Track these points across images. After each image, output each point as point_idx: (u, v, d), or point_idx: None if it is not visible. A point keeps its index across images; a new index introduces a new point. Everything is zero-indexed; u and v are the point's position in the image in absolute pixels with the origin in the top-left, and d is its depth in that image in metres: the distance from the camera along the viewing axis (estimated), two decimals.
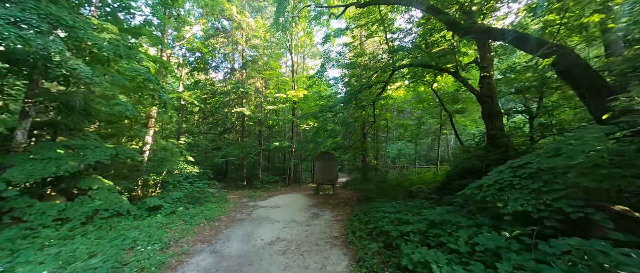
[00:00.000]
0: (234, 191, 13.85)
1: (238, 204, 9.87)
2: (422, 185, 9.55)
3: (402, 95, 14.34)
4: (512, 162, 3.73)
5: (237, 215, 7.88)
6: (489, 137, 7.72)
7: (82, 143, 6.00)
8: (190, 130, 18.68)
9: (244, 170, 15.90)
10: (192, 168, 11.48)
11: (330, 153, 12.22)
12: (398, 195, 8.70)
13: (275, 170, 19.86)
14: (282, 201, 10.46)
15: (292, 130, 16.22)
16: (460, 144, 9.03)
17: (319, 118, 10.10)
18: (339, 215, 7.75)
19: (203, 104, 15.92)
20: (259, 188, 14.26)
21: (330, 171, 11.97)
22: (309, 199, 10.84)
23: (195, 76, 17.77)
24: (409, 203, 6.20)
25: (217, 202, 9.49)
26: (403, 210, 5.24)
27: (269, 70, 14.93)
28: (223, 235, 5.83)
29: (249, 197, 11.74)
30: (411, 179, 10.63)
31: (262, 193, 12.87)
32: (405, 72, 10.92)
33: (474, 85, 8.84)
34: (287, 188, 15.06)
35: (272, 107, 13.53)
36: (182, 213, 7.06)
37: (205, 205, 8.72)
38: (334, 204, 9.58)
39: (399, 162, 21.52)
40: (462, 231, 3.21)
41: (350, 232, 5.36)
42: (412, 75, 10.79)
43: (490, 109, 7.86)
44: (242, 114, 13.52)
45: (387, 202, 7.28)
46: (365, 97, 10.70)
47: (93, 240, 4.45)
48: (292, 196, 11.84)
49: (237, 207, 9.23)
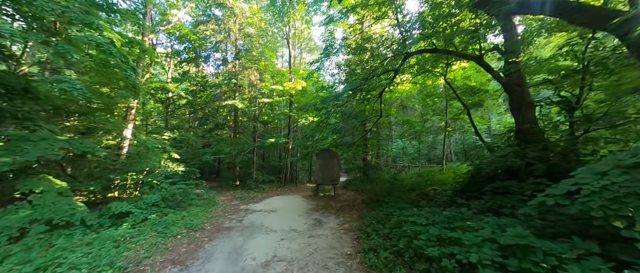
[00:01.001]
0: (224, 192, 12.45)
1: (228, 208, 8.51)
2: (436, 186, 8.39)
3: (408, 90, 13.19)
4: (619, 159, 2.52)
5: (225, 223, 6.54)
6: (519, 132, 6.58)
7: (22, 135, 4.58)
8: (180, 126, 17.14)
9: (236, 168, 14.50)
10: (177, 167, 10.08)
11: (331, 150, 10.97)
12: (412, 198, 7.50)
13: (271, 169, 18.49)
14: (278, 204, 9.15)
15: (288, 126, 14.90)
16: (481, 141, 7.90)
17: (320, 111, 8.82)
18: (346, 222, 6.49)
19: (192, 97, 14.44)
20: (252, 188, 12.90)
21: (332, 170, 10.72)
22: (308, 201, 9.56)
23: (185, 68, 16.26)
24: (434, 209, 4.98)
25: (203, 206, 8.12)
26: (437, 220, 4.01)
27: (265, 61, 13.57)
28: (204, 251, 4.50)
29: (241, 198, 10.38)
30: (425, 179, 9.46)
31: (256, 194, 11.53)
32: (413, 63, 9.76)
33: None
34: (283, 189, 13.74)
35: (268, 100, 12.20)
36: (156, 222, 5.69)
37: (188, 210, 7.34)
38: (338, 208, 8.32)
39: (400, 160, 20.41)
40: (573, 267, 1.99)
41: (369, 249, 4.11)
42: (420, 66, 9.62)
43: (521, 98, 6.73)
44: (235, 108, 12.14)
45: (405, 206, 6.06)
46: (371, 87, 9.49)
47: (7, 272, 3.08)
48: (289, 198, 10.53)
49: (227, 212, 7.88)
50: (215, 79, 14.62)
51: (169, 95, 14.81)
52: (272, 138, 12.64)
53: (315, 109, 8.45)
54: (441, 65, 9.93)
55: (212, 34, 13.34)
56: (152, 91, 11.36)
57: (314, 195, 10.88)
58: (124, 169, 7.95)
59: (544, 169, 5.00)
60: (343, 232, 5.61)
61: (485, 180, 6.15)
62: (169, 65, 16.50)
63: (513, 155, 5.27)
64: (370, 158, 15.90)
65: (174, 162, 10.39)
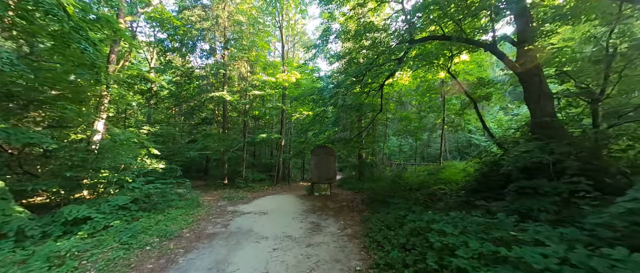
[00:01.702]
0: (211, 191, 11.38)
1: (213, 209, 7.52)
2: (441, 185, 7.68)
3: (408, 84, 12.49)
4: None
5: (207, 228, 5.56)
6: (536, 126, 5.93)
7: None
8: (165, 121, 15.82)
9: (224, 166, 13.42)
10: (156, 164, 8.97)
11: (328, 147, 10.12)
12: (419, 198, 6.75)
13: (262, 167, 17.46)
14: (270, 204, 8.22)
15: (281, 122, 13.93)
16: (490, 136, 7.24)
17: (317, 102, 7.93)
18: (347, 226, 5.65)
19: (176, 88, 13.20)
20: (242, 187, 11.88)
21: (328, 168, 9.87)
22: (302, 202, 8.67)
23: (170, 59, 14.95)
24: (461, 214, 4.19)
25: (184, 208, 7.09)
26: (468, 228, 3.22)
27: (256, 52, 12.53)
28: (176, 268, 3.55)
29: (228, 198, 9.38)
30: (431, 177, 8.74)
31: (246, 194, 10.54)
32: (414, 55, 9.01)
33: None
34: (275, 188, 12.79)
35: (259, 92, 11.20)
36: (121, 229, 4.66)
37: (165, 213, 6.31)
38: (336, 209, 7.48)
39: (394, 158, 19.79)
40: None
41: (384, 264, 3.27)
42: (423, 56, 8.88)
43: (539, 90, 6.07)
44: (223, 101, 11.07)
45: (415, 208, 5.27)
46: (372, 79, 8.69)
47: None
48: (282, 197, 9.61)
49: (211, 214, 6.89)
50: (202, 70, 13.44)
51: (152, 88, 13.53)
52: (264, 133, 11.66)
53: (312, 100, 7.56)
54: (443, 58, 9.25)
55: (199, 20, 12.17)
56: (128, 79, 10.13)
57: (308, 194, 10.00)
58: (93, 166, 6.81)
59: (577, 166, 4.33)
60: (346, 239, 4.76)
61: (504, 179, 5.46)
62: (151, 55, 15.18)
63: (539, 151, 4.56)
64: (366, 156, 15.16)
65: (154, 159, 9.27)
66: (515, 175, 4.91)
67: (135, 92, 12.37)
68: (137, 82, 11.03)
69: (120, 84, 10.56)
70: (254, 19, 12.52)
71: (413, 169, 16.18)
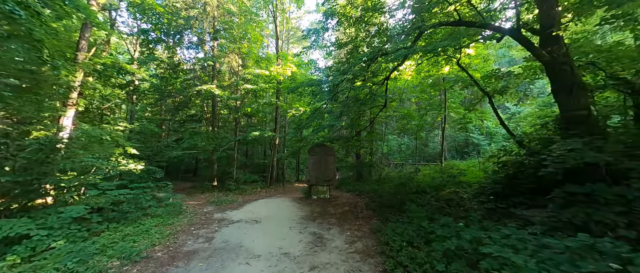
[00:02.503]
0: (198, 195, 10.26)
1: (197, 217, 6.45)
2: (455, 188, 6.85)
3: (410, 80, 11.68)
4: None
5: (186, 243, 4.52)
6: (568, 121, 5.16)
7: None
8: (150, 118, 14.48)
9: (214, 167, 12.27)
10: (135, 165, 7.82)
11: (326, 146, 9.17)
12: (433, 204, 5.90)
13: (255, 168, 16.36)
14: (263, 210, 7.21)
15: (275, 119, 12.88)
16: (510, 135, 6.46)
17: (316, 95, 6.96)
18: (355, 238, 4.72)
19: (161, 82, 11.96)
20: (232, 190, 10.80)
21: (327, 169, 8.93)
22: (299, 206, 7.69)
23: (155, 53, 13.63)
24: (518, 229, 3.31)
25: (162, 216, 6.00)
26: (537, 254, 2.33)
27: (248, 44, 11.45)
28: None
29: (216, 203, 8.30)
30: (443, 179, 7.89)
31: (236, 198, 9.47)
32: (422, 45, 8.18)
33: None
34: (269, 190, 11.74)
35: (251, 86, 10.14)
36: (71, 250, 3.57)
37: (137, 224, 5.22)
38: (338, 215, 6.54)
39: (392, 158, 19.02)
40: None
41: None
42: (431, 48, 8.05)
43: (571, 80, 5.31)
44: (211, 95, 9.94)
45: (437, 217, 4.38)
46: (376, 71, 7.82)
47: None
48: (277, 202, 8.60)
49: (194, 224, 5.83)
50: (190, 64, 12.25)
51: (133, 81, 12.23)
52: (256, 131, 10.60)
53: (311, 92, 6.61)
54: (451, 49, 8.46)
55: (184, 7, 11.01)
56: (101, 69, 8.88)
57: (305, 197, 9.03)
58: (59, 168, 5.65)
59: None
60: (358, 258, 3.82)
61: (536, 182, 4.65)
62: (134, 48, 13.82)
63: (593, 150, 3.74)
64: (364, 156, 14.30)
65: (132, 159, 8.11)
66: (557, 179, 4.07)
67: (113, 86, 11.08)
68: (113, 73, 9.77)
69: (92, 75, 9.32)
70: (246, 8, 11.44)
71: (413, 169, 15.45)
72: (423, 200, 6.44)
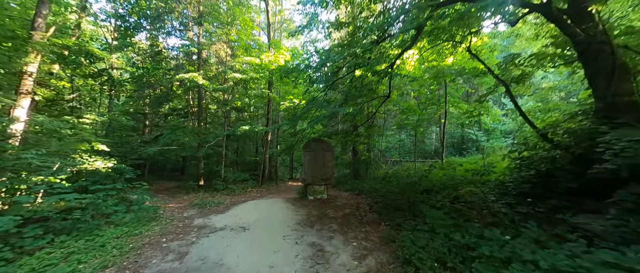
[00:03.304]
0: (182, 196, 9.15)
1: (173, 224, 5.40)
2: (468, 187, 6.03)
3: (413, 71, 10.84)
4: None
5: (151, 262, 3.49)
6: (608, 110, 4.38)
7: None
8: (129, 112, 13.12)
9: (201, 165, 11.15)
10: (104, 164, 6.67)
11: (324, 141, 8.22)
12: (448, 205, 5.05)
13: (246, 166, 15.26)
14: (253, 214, 6.21)
15: (267, 112, 11.83)
16: (532, 127, 5.67)
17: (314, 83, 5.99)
18: (366, 251, 3.80)
19: (138, 71, 10.69)
20: (220, 190, 9.73)
21: (325, 166, 7.99)
22: (294, 209, 6.73)
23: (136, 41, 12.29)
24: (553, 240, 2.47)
25: (128, 225, 4.93)
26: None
27: (237, 30, 10.33)
28: None
29: (200, 205, 7.25)
30: (450, 178, 7.07)
31: (224, 199, 8.43)
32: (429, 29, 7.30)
33: None
34: (260, 190, 10.73)
35: (240, 76, 9.05)
36: None
37: (92, 236, 4.15)
38: (340, 220, 5.61)
39: (389, 154, 18.27)
40: None
41: None
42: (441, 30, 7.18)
43: (612, 62, 4.53)
44: (196, 84, 8.80)
45: (463, 224, 3.51)
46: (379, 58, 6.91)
47: None
48: (268, 203, 7.61)
49: (167, 233, 4.79)
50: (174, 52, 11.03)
51: (111, 68, 10.90)
52: (246, 125, 9.53)
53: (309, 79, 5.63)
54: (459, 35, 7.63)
55: None
56: (65, 53, 7.62)
57: (300, 198, 8.07)
58: (22, 166, 4.50)
59: None
60: None
61: (574, 180, 3.84)
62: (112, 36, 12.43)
63: None
64: (361, 152, 13.43)
65: (101, 157, 6.95)
66: (618, 178, 3.25)
67: (85, 76, 9.77)
68: (82, 60, 8.49)
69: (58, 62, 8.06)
70: None
71: (413, 167, 14.70)
72: (434, 200, 5.60)
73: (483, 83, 11.69)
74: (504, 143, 16.29)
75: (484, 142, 17.08)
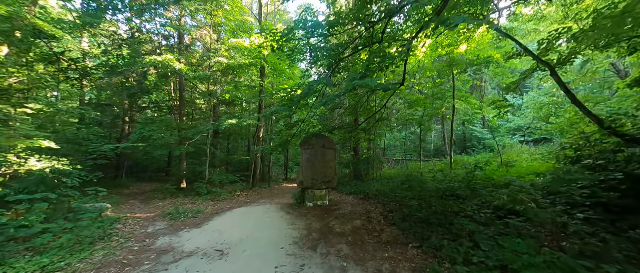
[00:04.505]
0: (155, 201, 7.62)
1: (125, 247, 3.92)
2: (513, 194, 4.75)
3: (423, 59, 9.54)
4: None
5: None
6: None
7: None
8: (106, 106, 11.36)
9: (183, 165, 9.61)
10: (48, 164, 5.12)
11: (325, 136, 6.85)
12: (489, 216, 3.75)
13: (237, 165, 13.73)
14: (236, 229, 4.77)
15: (259, 104, 10.36)
16: (592, 118, 4.42)
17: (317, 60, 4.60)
18: None
19: (112, 58, 9.00)
20: (203, 194, 8.23)
21: (326, 166, 6.60)
22: (290, 219, 5.33)
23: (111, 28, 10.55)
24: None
25: (58, 251, 3.43)
26: None
27: (223, 11, 8.80)
28: None
29: (172, 216, 5.77)
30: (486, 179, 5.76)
31: (205, 205, 6.96)
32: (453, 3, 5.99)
33: None
34: (250, 193, 9.26)
35: (226, 60, 7.54)
36: None
37: None
38: (350, 237, 4.24)
39: (389, 153, 17.02)
40: None
41: None
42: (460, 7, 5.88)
43: None
44: (173, 70, 7.26)
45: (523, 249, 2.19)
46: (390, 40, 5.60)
47: None
48: (258, 211, 6.18)
49: (108, 265, 3.31)
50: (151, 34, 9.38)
51: (79, 58, 9.18)
52: (233, 119, 8.04)
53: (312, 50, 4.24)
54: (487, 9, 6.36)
55: None
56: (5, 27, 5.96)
57: (297, 205, 6.67)
58: None
59: None
60: None
61: None
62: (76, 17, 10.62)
63: None
64: (363, 151, 12.11)
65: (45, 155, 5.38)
66: None
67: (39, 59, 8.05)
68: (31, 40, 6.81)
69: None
70: None
71: (417, 166, 13.47)
72: (469, 210, 4.30)
73: (498, 73, 10.50)
74: (513, 140, 15.32)
75: (489, 139, 16.05)
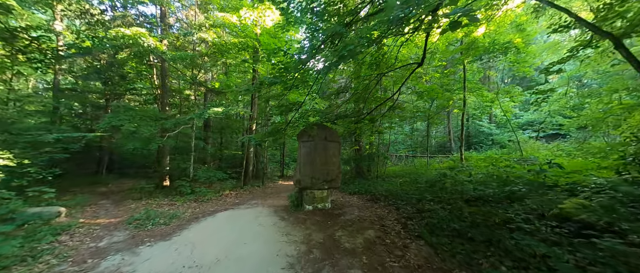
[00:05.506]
0: (130, 202, 6.46)
1: (59, 269, 2.78)
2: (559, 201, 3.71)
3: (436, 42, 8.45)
4: None
5: None
6: None
7: None
8: (71, 93, 10.07)
9: (165, 160, 8.44)
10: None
11: (327, 128, 5.75)
12: (544, 230, 2.70)
13: (229, 161, 12.57)
14: (214, 243, 3.66)
15: (252, 96, 9.20)
16: None
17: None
18: None
19: (86, 39, 7.73)
20: (186, 193, 7.10)
21: (328, 163, 5.52)
22: (284, 228, 4.24)
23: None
24: None
25: None
26: None
27: None
28: None
29: (139, 222, 4.65)
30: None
31: (185, 208, 5.85)
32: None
33: None
34: (241, 193, 8.15)
35: (211, 37, 6.36)
36: None
37: None
38: (365, 257, 3.16)
39: (392, 149, 15.97)
40: None
41: None
42: None
43: None
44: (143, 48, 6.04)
45: None
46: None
47: None
48: (246, 217, 5.07)
49: None
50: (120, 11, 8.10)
51: (41, 36, 7.90)
52: (219, 107, 6.87)
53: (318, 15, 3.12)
54: None
55: None
56: None
57: (294, 208, 5.57)
58: None
59: None
60: None
61: None
62: None
63: None
64: (365, 146, 11.04)
65: None
66: None
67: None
68: None
69: None
70: None
71: (424, 163, 12.46)
72: (517, 220, 3.26)
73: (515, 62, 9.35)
74: (525, 136, 14.39)
75: (499, 135, 15.10)
